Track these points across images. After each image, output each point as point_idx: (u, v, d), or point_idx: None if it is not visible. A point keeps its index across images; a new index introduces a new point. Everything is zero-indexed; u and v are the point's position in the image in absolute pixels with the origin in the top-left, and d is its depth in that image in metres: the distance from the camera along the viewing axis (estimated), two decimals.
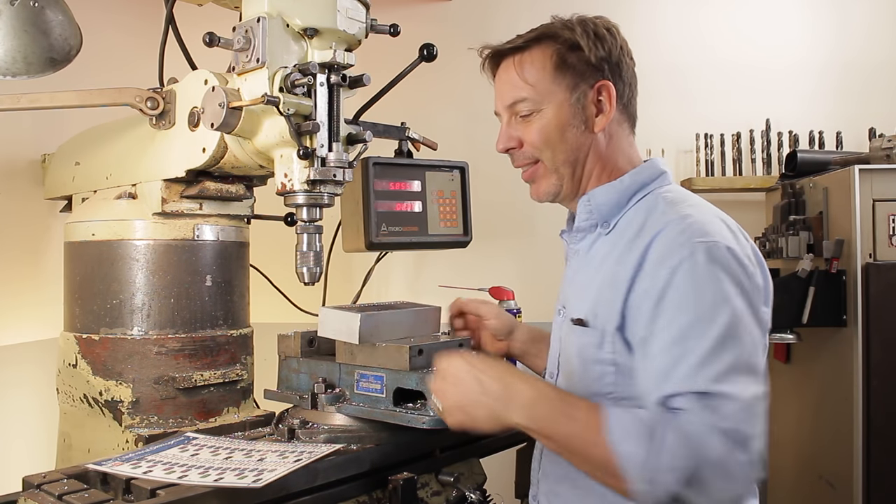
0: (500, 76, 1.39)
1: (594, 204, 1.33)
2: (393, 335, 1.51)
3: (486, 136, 3.06)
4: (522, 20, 1.51)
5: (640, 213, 1.29)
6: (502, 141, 1.38)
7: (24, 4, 1.64)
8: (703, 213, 1.23)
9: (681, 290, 1.13)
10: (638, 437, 1.05)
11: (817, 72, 3.25)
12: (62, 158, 1.99)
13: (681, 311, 1.12)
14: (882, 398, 2.44)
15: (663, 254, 1.16)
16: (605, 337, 1.23)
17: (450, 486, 1.52)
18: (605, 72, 1.32)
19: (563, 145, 1.32)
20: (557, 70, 1.31)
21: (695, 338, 1.09)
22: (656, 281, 1.15)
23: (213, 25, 1.45)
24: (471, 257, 2.27)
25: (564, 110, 1.31)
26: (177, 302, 1.62)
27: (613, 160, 1.35)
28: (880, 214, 2.52)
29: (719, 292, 1.12)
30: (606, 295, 1.24)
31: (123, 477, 1.22)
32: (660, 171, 1.35)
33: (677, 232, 1.17)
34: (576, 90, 1.31)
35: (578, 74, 1.31)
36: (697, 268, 1.13)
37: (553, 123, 1.32)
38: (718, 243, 1.15)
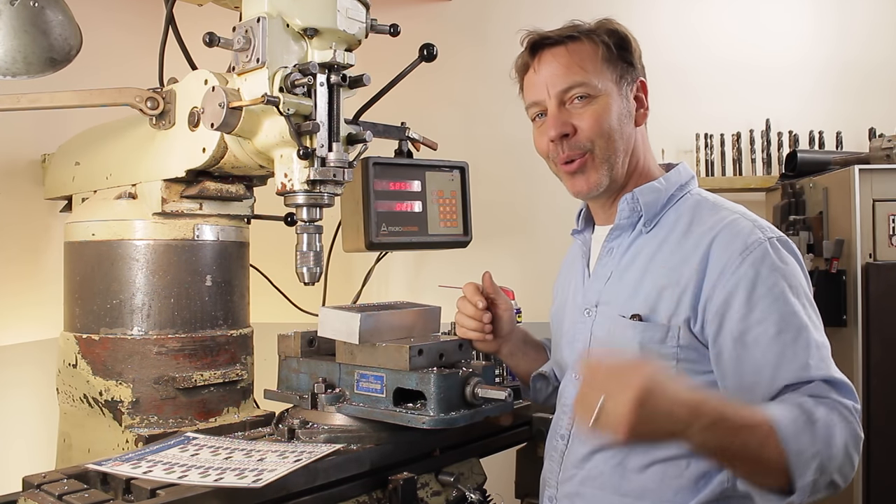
0: (550, 61, 1.35)
1: (642, 202, 1.35)
2: (393, 335, 1.51)
3: (486, 136, 3.08)
4: (522, 20, 1.51)
5: (684, 212, 1.33)
6: (556, 126, 1.32)
7: (24, 4, 1.64)
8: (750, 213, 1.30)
9: (770, 282, 1.18)
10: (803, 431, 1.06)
11: (817, 71, 3.25)
12: (62, 158, 1.99)
13: (777, 303, 1.17)
14: (882, 398, 2.45)
15: (740, 249, 1.21)
16: (670, 332, 1.25)
17: (450, 486, 1.52)
18: (640, 69, 1.38)
19: (616, 134, 1.33)
20: (607, 61, 1.34)
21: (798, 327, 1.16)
22: (742, 274, 1.19)
23: (213, 25, 1.45)
24: (471, 257, 2.27)
25: (616, 101, 1.33)
26: (177, 302, 1.62)
27: (647, 158, 1.41)
28: (880, 214, 2.52)
29: (802, 283, 1.21)
30: (668, 291, 1.26)
31: (123, 477, 1.22)
32: (691, 175, 1.41)
33: (748, 229, 1.23)
34: (623, 83, 1.35)
35: (624, 69, 1.35)
36: (783, 260, 1.20)
37: (609, 112, 1.32)
38: (783, 237, 1.24)
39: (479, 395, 1.40)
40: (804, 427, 1.06)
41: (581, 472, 1.34)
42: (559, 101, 1.33)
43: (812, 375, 1.13)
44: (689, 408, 1.01)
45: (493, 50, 3.20)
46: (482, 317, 1.48)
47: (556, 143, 1.34)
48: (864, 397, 2.46)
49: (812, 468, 1.05)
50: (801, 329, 1.16)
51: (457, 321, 1.54)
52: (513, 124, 3.11)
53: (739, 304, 1.18)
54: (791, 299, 1.17)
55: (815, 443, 1.05)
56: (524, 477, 1.85)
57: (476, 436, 1.64)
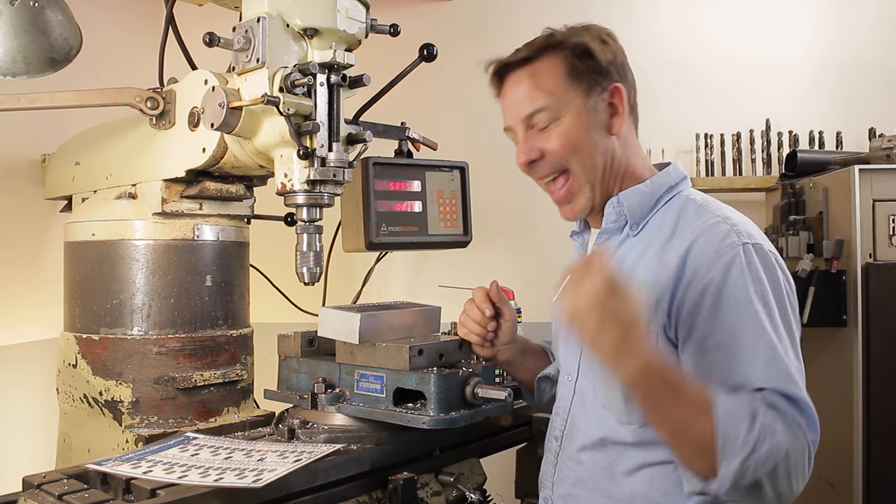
0: (511, 89, 1.35)
1: (626, 206, 1.33)
2: (393, 335, 1.51)
3: (486, 136, 3.07)
4: (522, 20, 1.51)
5: (671, 215, 1.31)
6: (524, 153, 1.33)
7: (24, 4, 1.64)
8: (738, 215, 1.28)
9: (737, 287, 1.16)
10: (741, 420, 1.07)
11: (817, 71, 3.25)
12: (62, 158, 1.99)
13: (740, 309, 1.15)
14: (882, 398, 2.45)
15: (713, 254, 1.19)
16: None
17: (450, 486, 1.52)
18: (614, 75, 1.33)
19: (588, 149, 1.31)
20: (571, 77, 1.31)
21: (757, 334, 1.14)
22: (711, 279, 1.18)
23: (213, 25, 1.45)
24: (471, 257, 2.26)
25: (584, 116, 1.30)
26: (177, 302, 1.62)
27: (632, 163, 1.36)
28: (880, 214, 2.52)
29: (773, 291, 1.17)
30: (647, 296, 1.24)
31: (123, 477, 1.22)
32: (682, 175, 1.38)
33: (724, 233, 1.21)
34: (591, 95, 1.31)
35: (591, 79, 1.31)
36: (750, 267, 1.17)
37: (575, 129, 1.30)
38: (763, 245, 1.21)
39: (479, 395, 1.40)
40: (742, 419, 1.06)
41: (573, 473, 1.34)
42: (526, 127, 1.33)
43: (764, 384, 1.11)
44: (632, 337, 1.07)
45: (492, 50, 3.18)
46: (487, 324, 1.49)
47: (529, 168, 1.34)
48: (864, 397, 2.46)
49: (738, 459, 1.05)
50: (759, 336, 1.13)
51: (460, 322, 1.53)
52: None
53: (706, 308, 1.17)
54: (755, 306, 1.15)
55: (749, 437, 1.05)
56: (524, 477, 1.85)
57: (476, 436, 1.64)
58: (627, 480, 1.26)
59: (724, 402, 1.08)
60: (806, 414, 1.11)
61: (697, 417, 1.08)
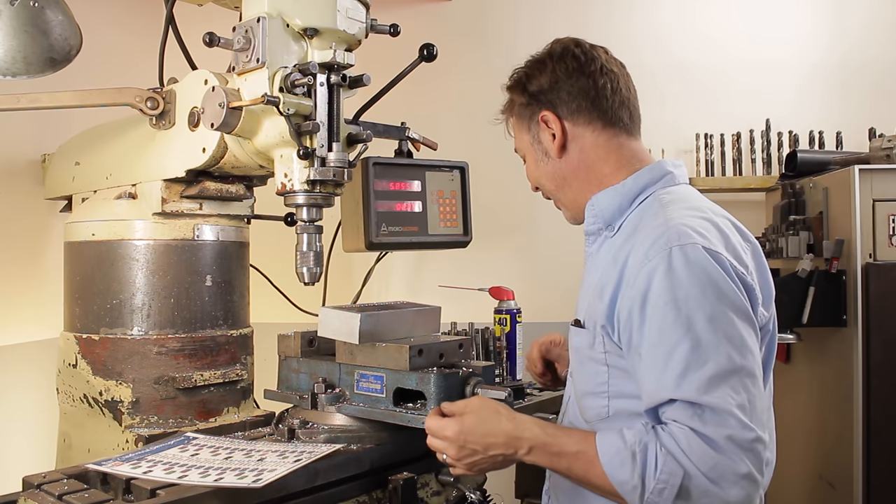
0: None
1: (597, 208, 1.34)
2: (393, 335, 1.51)
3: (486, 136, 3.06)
4: (522, 20, 1.51)
5: (637, 215, 1.30)
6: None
7: (24, 4, 1.64)
8: (687, 215, 1.22)
9: (658, 293, 1.13)
10: (624, 463, 1.10)
11: (817, 71, 3.25)
12: (62, 158, 1.99)
13: (660, 316, 1.13)
14: (882, 398, 2.44)
15: (641, 258, 1.18)
16: (596, 338, 1.26)
17: (450, 486, 1.52)
18: (542, 102, 1.38)
19: (543, 180, 1.42)
20: (519, 118, 1.43)
21: (675, 343, 1.11)
22: (638, 285, 1.16)
23: (213, 25, 1.45)
24: (471, 257, 2.27)
25: (532, 150, 1.41)
26: (177, 302, 1.62)
27: (596, 167, 1.36)
28: (880, 214, 2.52)
29: (696, 295, 1.12)
30: (596, 298, 1.27)
31: (123, 477, 1.22)
32: (664, 173, 1.34)
33: (656, 236, 1.18)
34: (531, 128, 1.40)
35: (525, 117, 1.41)
36: (673, 271, 1.13)
37: (531, 167, 1.43)
38: (696, 245, 1.14)
39: (480, 395, 1.40)
40: (624, 461, 1.10)
41: None
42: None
43: (674, 394, 1.09)
44: (505, 438, 1.22)
45: (492, 50, 3.20)
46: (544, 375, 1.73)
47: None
48: (864, 397, 2.46)
49: (636, 498, 1.09)
50: (676, 345, 1.10)
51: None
52: None
53: (635, 315, 1.16)
54: (673, 313, 1.11)
55: (633, 479, 1.09)
56: (524, 477, 1.85)
57: None
58: None
59: (608, 448, 1.13)
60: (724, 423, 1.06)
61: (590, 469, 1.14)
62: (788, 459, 2.90)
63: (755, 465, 1.06)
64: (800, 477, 2.85)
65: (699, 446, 1.06)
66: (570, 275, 1.46)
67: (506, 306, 2.04)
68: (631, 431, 1.13)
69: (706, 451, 1.05)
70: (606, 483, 1.12)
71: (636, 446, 1.10)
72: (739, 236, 1.25)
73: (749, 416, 1.07)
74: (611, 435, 1.14)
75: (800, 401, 2.87)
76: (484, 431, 1.23)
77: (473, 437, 1.23)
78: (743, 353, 1.11)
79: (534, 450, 1.20)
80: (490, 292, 2.09)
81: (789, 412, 2.91)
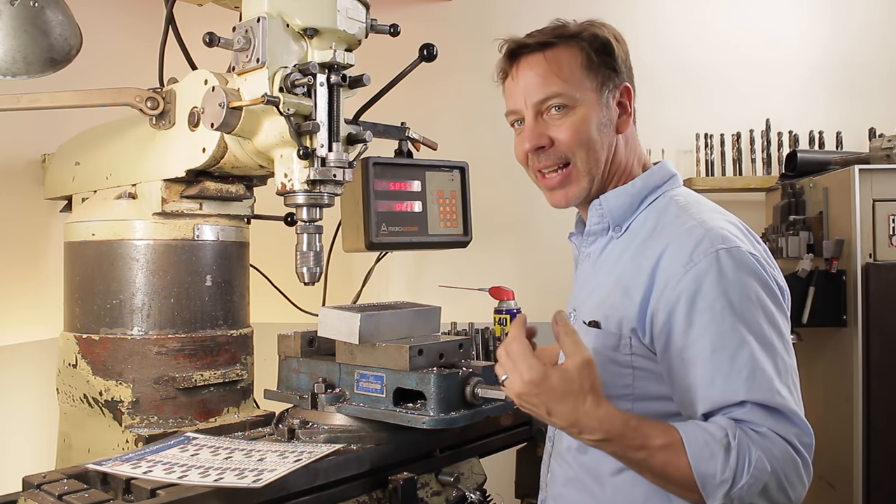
0: (526, 71, 1.31)
1: (606, 207, 1.32)
2: (393, 335, 1.51)
3: (486, 137, 3.08)
4: (523, 20, 1.51)
5: (652, 216, 1.28)
6: (531, 138, 1.29)
7: (24, 4, 1.64)
8: (717, 218, 1.22)
9: (711, 296, 1.12)
10: (714, 457, 1.05)
11: (817, 71, 3.25)
12: (62, 158, 1.99)
13: (715, 319, 1.11)
14: (882, 398, 2.44)
15: (685, 261, 1.15)
16: (622, 340, 1.22)
17: (450, 486, 1.52)
18: (625, 74, 1.32)
19: (597, 144, 1.29)
20: (587, 69, 1.28)
21: (737, 346, 1.10)
22: (683, 289, 1.14)
23: (213, 25, 1.45)
24: (471, 257, 2.27)
25: (597, 109, 1.29)
26: (177, 302, 1.62)
27: (630, 163, 1.35)
28: (880, 214, 2.52)
29: (752, 297, 1.12)
30: (620, 299, 1.23)
31: (123, 477, 1.22)
32: (670, 174, 1.34)
33: (697, 238, 1.16)
34: (604, 90, 1.29)
35: (606, 75, 1.29)
36: (725, 274, 1.13)
37: (588, 122, 1.28)
38: (741, 248, 1.15)
39: (479, 395, 1.40)
40: (716, 454, 1.05)
41: (563, 473, 1.34)
42: (536, 112, 1.30)
43: (743, 398, 1.08)
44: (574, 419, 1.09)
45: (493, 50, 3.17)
46: None
47: (532, 154, 1.31)
48: (864, 397, 2.46)
49: (721, 494, 1.05)
50: (739, 348, 1.10)
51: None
52: None
53: (680, 319, 1.14)
54: (732, 315, 1.11)
55: (726, 472, 1.04)
56: (524, 477, 1.85)
57: (476, 436, 1.63)
58: (611, 482, 1.25)
59: (695, 440, 1.07)
60: (793, 422, 1.08)
61: (671, 462, 1.07)
62: None
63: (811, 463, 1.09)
64: None
65: (779, 444, 1.07)
66: (570, 275, 1.46)
67: (506, 306, 2.05)
68: (715, 426, 1.09)
69: (786, 450, 1.06)
70: (687, 476, 1.06)
71: (730, 439, 1.06)
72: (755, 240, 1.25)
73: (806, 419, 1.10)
74: (695, 428, 1.09)
75: None
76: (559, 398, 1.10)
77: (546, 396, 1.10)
78: (790, 352, 1.14)
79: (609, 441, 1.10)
80: (490, 292, 2.09)
81: None
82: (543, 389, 1.10)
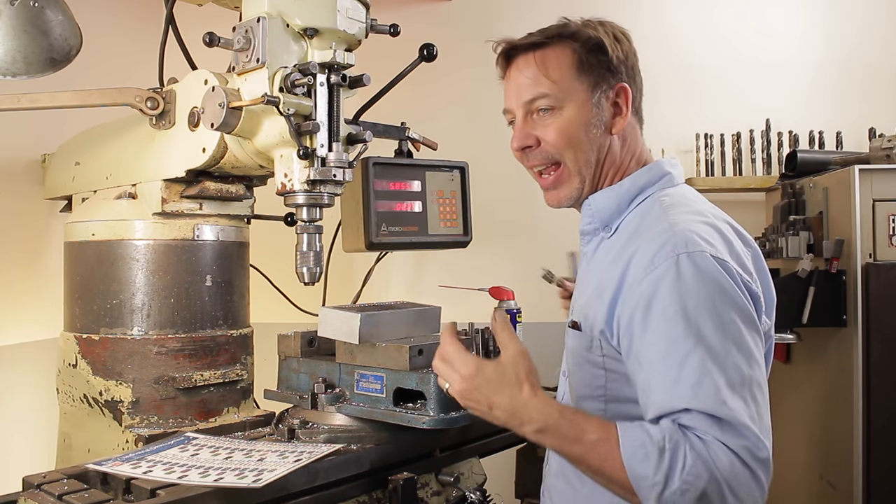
0: (516, 71, 1.33)
1: (594, 208, 1.32)
2: (393, 335, 1.51)
3: (486, 136, 3.08)
4: (523, 20, 1.51)
5: (637, 217, 1.27)
6: (518, 138, 1.32)
7: (24, 4, 1.64)
8: (691, 220, 1.20)
9: (666, 301, 1.10)
10: (648, 458, 1.04)
11: (817, 71, 3.25)
12: (62, 158, 1.99)
13: (668, 324, 1.10)
14: (882, 398, 2.44)
15: (646, 265, 1.14)
16: (594, 342, 1.24)
17: (450, 486, 1.52)
18: (623, 75, 1.31)
19: (585, 145, 1.29)
20: (579, 69, 1.29)
21: (687, 352, 1.07)
22: (642, 292, 1.13)
23: (213, 25, 1.45)
24: (471, 257, 2.26)
25: (586, 110, 1.29)
26: (177, 302, 1.62)
27: (626, 163, 1.34)
28: (880, 214, 2.52)
29: (707, 305, 1.09)
30: (595, 301, 1.24)
31: (123, 477, 1.22)
32: (663, 173, 1.32)
33: (661, 242, 1.15)
34: (596, 90, 1.29)
35: (599, 75, 1.29)
36: (682, 279, 1.10)
37: (575, 122, 1.29)
38: (704, 252, 1.12)
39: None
40: (649, 455, 1.04)
41: (555, 465, 1.36)
42: (525, 112, 1.31)
43: (689, 405, 1.06)
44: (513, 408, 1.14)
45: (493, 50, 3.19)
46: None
47: (522, 153, 1.33)
48: (864, 397, 2.46)
49: (653, 497, 1.03)
50: (688, 355, 1.07)
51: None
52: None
53: (638, 322, 1.13)
54: (685, 322, 1.08)
55: (658, 475, 1.03)
56: (524, 477, 1.85)
57: (476, 436, 1.64)
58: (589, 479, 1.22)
59: (631, 440, 1.06)
60: (742, 435, 1.04)
61: (607, 459, 1.07)
62: (789, 459, 2.90)
63: (767, 479, 1.05)
64: (800, 477, 2.85)
65: (725, 455, 1.03)
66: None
67: (506, 306, 2.04)
68: (656, 427, 1.07)
69: (731, 460, 1.03)
70: (622, 476, 1.06)
71: (665, 442, 1.04)
72: (741, 242, 1.23)
73: (759, 428, 1.06)
74: (634, 428, 1.09)
75: (800, 401, 2.87)
76: (497, 388, 1.14)
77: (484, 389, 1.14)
78: (751, 363, 1.10)
79: (546, 431, 1.12)
80: (490, 292, 2.08)
81: (789, 412, 2.91)
82: (480, 382, 1.15)
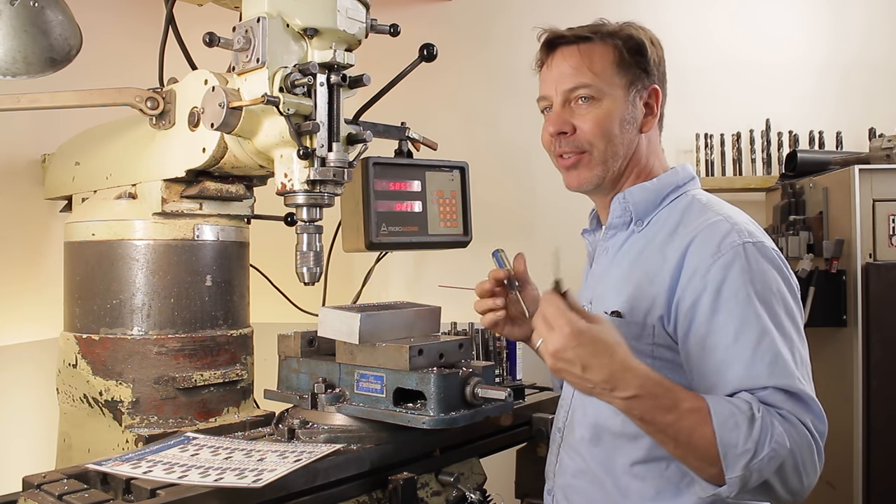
0: (560, 60, 1.39)
1: (631, 201, 1.38)
2: (393, 335, 1.51)
3: (486, 137, 3.08)
4: (523, 21, 1.51)
5: (675, 212, 1.34)
6: (555, 123, 1.37)
7: (24, 4, 1.64)
8: (740, 215, 1.30)
9: (736, 285, 1.17)
10: (738, 427, 1.08)
11: (817, 72, 3.25)
12: (62, 158, 1.99)
13: (740, 307, 1.16)
14: (882, 398, 2.45)
15: (713, 251, 1.21)
16: (645, 329, 1.27)
17: (450, 486, 1.52)
18: (656, 77, 1.39)
19: (617, 139, 1.36)
20: (619, 66, 1.36)
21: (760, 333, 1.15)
22: (711, 277, 1.19)
23: (213, 25, 1.45)
24: (471, 257, 2.26)
25: (622, 105, 1.36)
26: (177, 302, 1.62)
27: (650, 163, 1.41)
28: (880, 214, 2.52)
29: (774, 289, 1.19)
30: (646, 289, 1.28)
31: (123, 477, 1.22)
32: (691, 175, 1.41)
33: (724, 232, 1.23)
34: (632, 89, 1.36)
35: (636, 75, 1.37)
36: (751, 265, 1.19)
37: (611, 115, 1.35)
38: (765, 243, 1.23)
39: (479, 395, 1.40)
40: (740, 424, 1.08)
41: (573, 464, 1.37)
42: (564, 100, 1.37)
43: (766, 382, 1.13)
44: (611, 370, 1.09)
45: (493, 50, 3.20)
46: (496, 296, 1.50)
47: (555, 139, 1.38)
48: (864, 397, 2.46)
49: (741, 465, 1.07)
50: (762, 335, 1.15)
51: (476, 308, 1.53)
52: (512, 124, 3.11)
53: (705, 306, 1.19)
54: (756, 305, 1.17)
55: (748, 442, 1.07)
56: (524, 477, 1.85)
57: (476, 436, 1.64)
58: (623, 475, 1.28)
59: (721, 409, 1.10)
60: (811, 409, 1.13)
61: (697, 429, 1.09)
62: None
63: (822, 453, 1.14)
64: None
65: (800, 429, 1.11)
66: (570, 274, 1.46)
67: None
68: (739, 399, 1.12)
69: (804, 434, 1.11)
70: (709, 444, 1.08)
71: (755, 412, 1.09)
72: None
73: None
74: (720, 400, 1.12)
75: None
76: (594, 351, 1.10)
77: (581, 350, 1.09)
78: (804, 345, 1.20)
79: (641, 398, 1.10)
80: None
81: None
82: (583, 341, 1.09)
